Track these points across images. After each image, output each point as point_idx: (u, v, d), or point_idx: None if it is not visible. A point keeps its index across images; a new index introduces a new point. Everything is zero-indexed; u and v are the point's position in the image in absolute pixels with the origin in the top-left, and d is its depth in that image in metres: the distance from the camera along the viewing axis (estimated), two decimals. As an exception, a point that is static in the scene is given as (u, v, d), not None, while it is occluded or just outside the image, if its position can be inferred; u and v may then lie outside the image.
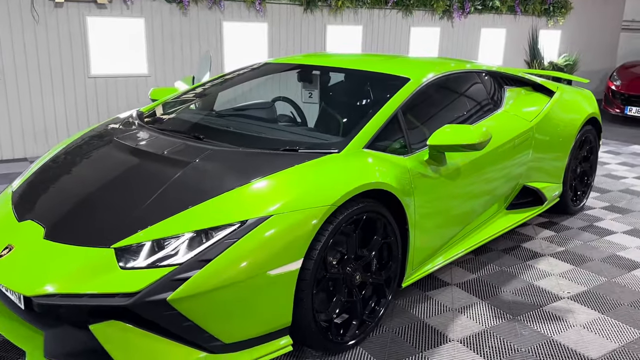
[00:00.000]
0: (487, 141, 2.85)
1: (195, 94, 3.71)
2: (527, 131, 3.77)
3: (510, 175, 3.70)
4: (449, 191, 3.07)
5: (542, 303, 3.10)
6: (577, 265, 3.60)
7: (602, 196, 5.12)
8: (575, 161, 4.47)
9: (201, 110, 3.52)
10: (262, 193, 2.27)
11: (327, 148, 2.63)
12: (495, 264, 3.58)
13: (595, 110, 4.57)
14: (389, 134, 2.86)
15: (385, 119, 2.84)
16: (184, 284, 1.98)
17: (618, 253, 3.82)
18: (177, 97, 3.66)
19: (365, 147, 2.69)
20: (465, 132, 2.78)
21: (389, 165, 2.67)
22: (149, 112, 3.43)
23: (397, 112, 2.91)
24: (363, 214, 2.47)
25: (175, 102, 3.58)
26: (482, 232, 3.54)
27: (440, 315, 2.93)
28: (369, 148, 2.71)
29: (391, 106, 2.91)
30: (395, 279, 2.77)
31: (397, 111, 2.92)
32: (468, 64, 3.80)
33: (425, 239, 2.94)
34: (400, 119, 2.91)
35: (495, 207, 3.71)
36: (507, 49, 9.90)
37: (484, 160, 3.33)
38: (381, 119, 2.82)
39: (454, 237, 3.28)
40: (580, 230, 4.24)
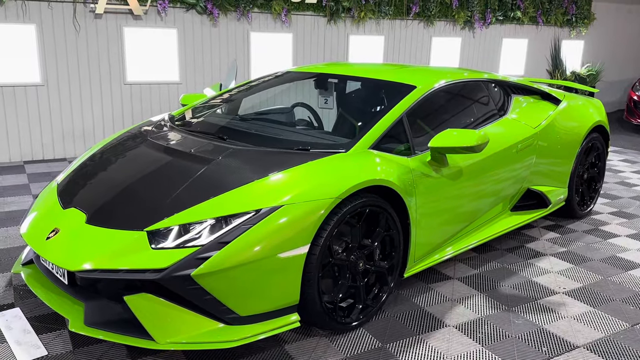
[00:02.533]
0: (485, 144, 3.09)
1: (222, 100, 4.05)
2: (531, 137, 3.99)
3: (514, 178, 3.93)
4: (451, 191, 3.32)
5: (538, 297, 3.31)
6: (577, 265, 3.80)
7: (612, 202, 5.28)
8: (582, 167, 4.65)
9: (226, 114, 3.85)
10: (275, 186, 2.57)
11: (336, 148, 2.92)
12: (498, 262, 3.81)
13: (603, 118, 4.75)
14: (394, 137, 3.13)
15: (390, 123, 3.11)
16: (206, 262, 2.29)
17: (618, 254, 4.00)
18: (205, 102, 4.00)
19: (371, 148, 2.97)
20: (464, 135, 3.04)
21: (392, 165, 2.94)
22: (179, 116, 3.78)
23: (403, 116, 3.19)
24: (366, 208, 2.75)
25: (203, 107, 3.92)
26: (485, 231, 3.77)
27: (440, 304, 3.17)
28: (375, 149, 2.99)
29: (397, 111, 3.18)
30: (397, 268, 3.03)
31: (403, 116, 3.19)
32: (475, 73, 4.05)
33: (426, 234, 3.19)
34: (405, 123, 3.18)
35: (499, 208, 3.93)
36: (529, 59, 10.04)
37: (486, 163, 3.57)
38: (387, 123, 3.10)
39: (456, 234, 3.52)
40: (584, 232, 4.42)
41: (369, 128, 3.04)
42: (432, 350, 2.71)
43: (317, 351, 2.67)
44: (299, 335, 2.80)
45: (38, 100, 6.12)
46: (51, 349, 2.61)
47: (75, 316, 2.51)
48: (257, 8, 7.03)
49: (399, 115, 3.17)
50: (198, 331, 2.37)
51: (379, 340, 2.78)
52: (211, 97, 4.10)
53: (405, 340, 2.79)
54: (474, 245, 3.66)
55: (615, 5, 11.01)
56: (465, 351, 2.72)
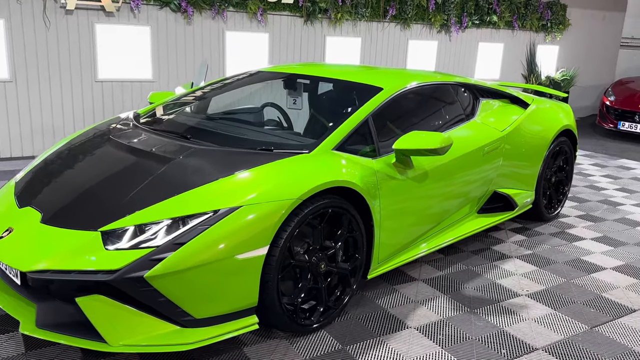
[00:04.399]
0: (449, 147, 3.11)
1: (190, 98, 4.01)
2: (498, 140, 4.02)
3: (481, 181, 3.95)
4: (416, 193, 3.32)
5: (501, 299, 3.33)
6: (541, 267, 3.83)
7: (579, 205, 5.34)
8: (550, 170, 4.70)
9: (193, 113, 3.81)
10: (235, 186, 2.55)
11: (299, 149, 2.91)
12: (463, 263, 3.82)
13: (571, 122, 4.81)
14: (359, 138, 3.13)
15: (355, 124, 3.11)
16: (160, 264, 2.25)
17: (582, 257, 4.05)
18: (172, 101, 3.95)
19: (335, 149, 2.96)
20: (428, 138, 3.05)
21: (356, 166, 2.93)
22: (145, 114, 3.73)
23: (368, 118, 3.18)
24: (329, 209, 2.73)
25: (170, 105, 3.88)
26: (452, 233, 3.79)
27: (402, 306, 3.17)
28: (339, 150, 2.98)
29: (362, 113, 3.18)
30: (360, 270, 3.02)
31: (368, 117, 3.18)
32: (444, 76, 4.07)
33: (390, 236, 3.19)
34: (371, 125, 3.18)
35: (466, 210, 3.95)
36: (504, 63, 10.14)
37: (452, 166, 3.59)
38: (352, 124, 3.09)
39: (422, 236, 3.53)
40: (550, 235, 4.47)
41: (333, 129, 3.03)
42: (392, 352, 2.71)
43: (277, 353, 2.65)
44: (258, 337, 2.77)
45: (6, 96, 6.00)
46: (2, 351, 2.55)
47: (27, 318, 2.46)
48: (232, 7, 6.98)
49: (365, 116, 3.17)
50: (152, 333, 2.33)
51: (339, 342, 2.77)
52: (179, 96, 4.05)
53: (366, 342, 2.78)
54: (441, 247, 3.67)
55: (590, 11, 11.18)
56: (425, 353, 2.72)
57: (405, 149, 3.05)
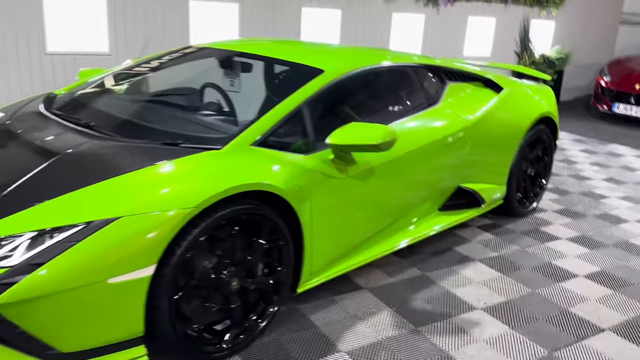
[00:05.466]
0: (392, 142, 2.68)
1: (120, 77, 3.55)
2: (463, 129, 3.58)
3: (441, 176, 3.53)
4: (360, 193, 2.91)
5: (452, 313, 2.94)
6: (505, 274, 3.43)
7: (560, 198, 4.92)
8: (525, 162, 4.27)
9: (115, 95, 3.36)
10: (116, 191, 2.12)
11: (210, 143, 2.47)
12: (418, 268, 3.42)
13: (551, 108, 4.36)
14: (289, 130, 2.70)
15: (285, 114, 2.67)
16: (8, 290, 1.85)
17: (554, 262, 3.65)
18: (99, 79, 3.50)
19: (256, 144, 2.53)
20: (367, 132, 2.62)
21: (281, 165, 2.51)
22: (61, 95, 3.28)
23: (302, 106, 2.74)
24: (241, 216, 2.32)
25: (94, 85, 3.42)
26: (407, 234, 3.38)
27: (339, 322, 2.78)
28: (261, 145, 2.54)
29: (294, 100, 2.73)
30: (286, 284, 2.62)
31: (302, 106, 2.74)
32: (404, 57, 3.60)
33: (327, 243, 2.78)
34: (306, 114, 2.74)
35: (426, 208, 3.54)
36: (496, 39, 9.59)
37: (406, 160, 3.16)
38: (279, 114, 2.65)
39: (370, 239, 3.12)
40: (522, 234, 4.06)
41: (254, 120, 2.59)
42: (312, 384, 2.33)
43: (176, 384, 2.27)
44: None
45: (-56, 69, 5.54)
46: None
47: None
48: (197, -26, 6.46)
49: (297, 105, 2.73)
50: (11, 369, 1.94)
51: (253, 370, 2.39)
52: (107, 74, 3.59)
53: (284, 371, 2.40)
54: (396, 250, 3.27)
55: (589, -15, 10.58)
56: (351, 385, 2.34)
57: (340, 145, 2.62)
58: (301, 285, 2.72)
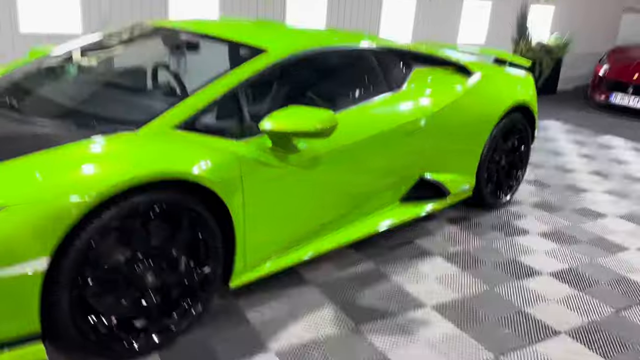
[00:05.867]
0: (331, 128, 2.50)
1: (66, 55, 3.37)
2: (426, 117, 3.38)
3: (401, 165, 3.35)
4: (304, 183, 2.73)
5: (399, 311, 2.77)
6: (464, 269, 3.25)
7: (539, 191, 4.72)
8: (499, 152, 4.07)
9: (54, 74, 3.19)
10: (7, 176, 1.95)
11: (125, 124, 2.30)
12: (374, 261, 3.25)
13: (527, 96, 4.14)
14: (222, 114, 2.53)
15: (217, 95, 2.49)
16: None
17: (519, 258, 3.46)
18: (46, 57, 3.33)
19: (179, 127, 2.35)
20: (303, 117, 2.44)
21: (206, 151, 2.33)
22: (1, 75, 3.12)
23: (238, 88, 2.56)
24: (156, 207, 2.15)
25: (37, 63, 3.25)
26: (363, 226, 3.21)
27: (276, 320, 2.62)
28: (186, 128, 2.37)
29: (229, 81, 2.55)
30: (214, 280, 2.46)
31: (239, 87, 2.56)
32: (363, 39, 3.40)
33: (264, 236, 2.62)
34: (242, 97, 2.57)
35: (385, 199, 3.36)
36: (492, 25, 9.33)
37: (358, 147, 2.98)
38: (211, 95, 2.48)
39: (319, 232, 2.95)
40: (491, 227, 3.87)
41: (178, 100, 2.42)
42: (231, 386, 2.18)
43: (85, 383, 2.13)
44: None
45: None
46: None
47: None
48: (175, -47, 6.25)
49: (233, 86, 2.55)
50: None
51: (170, 369, 2.24)
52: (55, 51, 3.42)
53: (203, 371, 2.25)
54: (349, 243, 3.10)
55: (592, -30, 10.25)
56: (272, 389, 2.19)
57: (273, 130, 2.44)
58: (234, 280, 2.56)
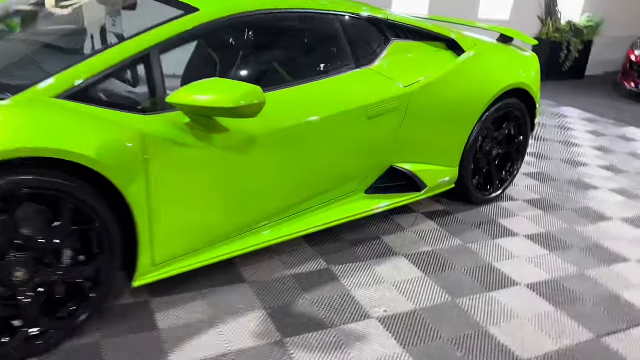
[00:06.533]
0: (256, 106, 2.10)
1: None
2: (398, 98, 2.94)
3: (365, 152, 2.93)
4: (232, 169, 2.35)
5: (339, 322, 2.39)
6: (429, 275, 2.84)
7: (540, 185, 4.24)
8: (490, 142, 3.60)
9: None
10: None
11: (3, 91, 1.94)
12: (326, 259, 2.87)
13: (528, 79, 3.64)
14: (127, 81, 2.15)
15: (119, 60, 2.11)
16: None
17: (496, 264, 3.03)
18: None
19: (65, 97, 1.98)
20: (221, 91, 2.04)
21: (100, 126, 1.97)
22: None
23: (150, 52, 2.17)
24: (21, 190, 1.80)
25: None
26: (313, 219, 2.82)
27: (186, 329, 2.27)
28: (74, 98, 1.99)
29: (138, 43, 2.16)
30: (108, 278, 2.11)
31: (151, 51, 2.17)
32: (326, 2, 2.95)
33: (179, 227, 2.26)
34: (155, 64, 2.18)
35: (346, 190, 2.96)
36: (517, 1, 8.66)
37: (307, 130, 2.59)
38: (111, 60, 2.09)
39: (254, 224, 2.57)
40: (473, 226, 3.43)
41: (65, 66, 2.04)
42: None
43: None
44: None
45: None
46: None
47: None
48: None
49: (143, 49, 2.16)
50: None
51: (44, 380, 1.92)
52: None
53: (81, 385, 1.92)
54: (294, 237, 2.72)
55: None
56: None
57: (182, 105, 2.05)
58: (140, 278, 2.21)
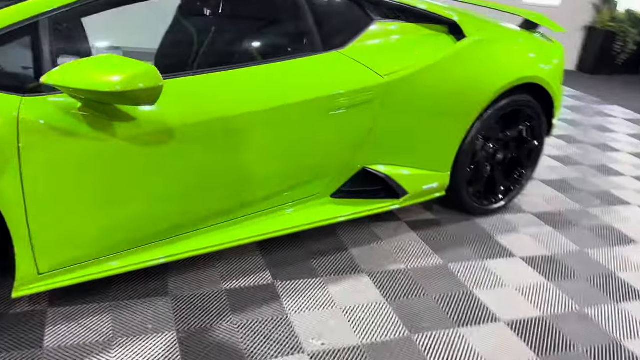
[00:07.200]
0: (148, 92, 1.70)
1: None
2: (373, 88, 2.48)
3: (327, 151, 2.50)
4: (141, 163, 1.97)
5: (262, 354, 2.00)
6: (391, 299, 2.40)
7: (557, 196, 3.67)
8: (493, 143, 3.09)
9: None
10: None
11: None
12: (273, 273, 2.47)
13: (545, 73, 3.08)
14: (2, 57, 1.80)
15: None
16: None
17: (478, 292, 2.54)
18: None
19: None
20: (102, 71, 1.66)
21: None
22: None
23: (40, 20, 1.81)
24: None
25: None
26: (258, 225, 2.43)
27: (74, 350, 1.93)
28: None
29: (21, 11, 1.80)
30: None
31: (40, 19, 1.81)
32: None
33: (69, 231, 1.91)
34: (44, 35, 1.82)
35: (306, 193, 2.55)
36: (570, -15, 7.88)
37: (246, 122, 2.18)
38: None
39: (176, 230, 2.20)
40: (462, 243, 2.94)
41: None
42: None
43: None
44: None
45: None
46: None
47: None
48: None
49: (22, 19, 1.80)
50: None
51: None
52: None
53: None
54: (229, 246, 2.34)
55: None
56: None
57: (61, 86, 1.68)
58: (18, 288, 1.88)
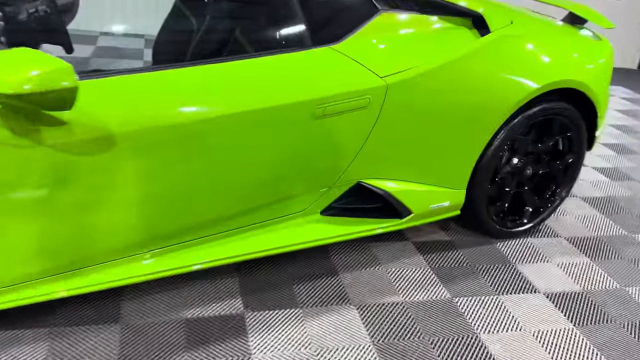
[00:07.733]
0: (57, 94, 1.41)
1: None
2: (370, 91, 2.12)
3: (309, 162, 2.15)
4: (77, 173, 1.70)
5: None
6: (378, 341, 2.03)
7: (600, 218, 3.18)
8: (521, 157, 2.65)
9: None
10: None
11: None
12: (245, 301, 2.15)
13: (586, 76, 2.60)
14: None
15: None
16: None
17: (483, 336, 2.14)
18: None
19: None
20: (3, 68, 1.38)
21: None
22: None
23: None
24: None
25: None
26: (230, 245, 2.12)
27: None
28: None
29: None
30: None
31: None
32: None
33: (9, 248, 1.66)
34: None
35: (290, 208, 2.22)
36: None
37: (214, 129, 1.87)
38: None
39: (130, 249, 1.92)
40: (477, 271, 2.53)
41: None
42: None
43: None
44: None
45: None
46: None
47: None
48: None
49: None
50: None
51: None
52: None
53: None
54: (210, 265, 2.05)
55: None
56: None
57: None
58: None
